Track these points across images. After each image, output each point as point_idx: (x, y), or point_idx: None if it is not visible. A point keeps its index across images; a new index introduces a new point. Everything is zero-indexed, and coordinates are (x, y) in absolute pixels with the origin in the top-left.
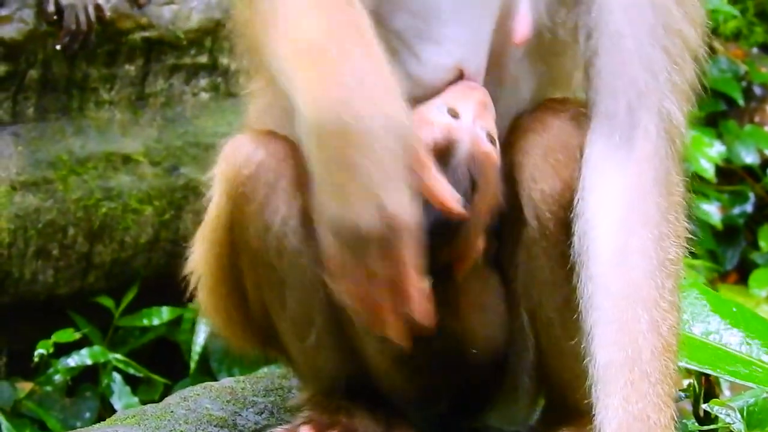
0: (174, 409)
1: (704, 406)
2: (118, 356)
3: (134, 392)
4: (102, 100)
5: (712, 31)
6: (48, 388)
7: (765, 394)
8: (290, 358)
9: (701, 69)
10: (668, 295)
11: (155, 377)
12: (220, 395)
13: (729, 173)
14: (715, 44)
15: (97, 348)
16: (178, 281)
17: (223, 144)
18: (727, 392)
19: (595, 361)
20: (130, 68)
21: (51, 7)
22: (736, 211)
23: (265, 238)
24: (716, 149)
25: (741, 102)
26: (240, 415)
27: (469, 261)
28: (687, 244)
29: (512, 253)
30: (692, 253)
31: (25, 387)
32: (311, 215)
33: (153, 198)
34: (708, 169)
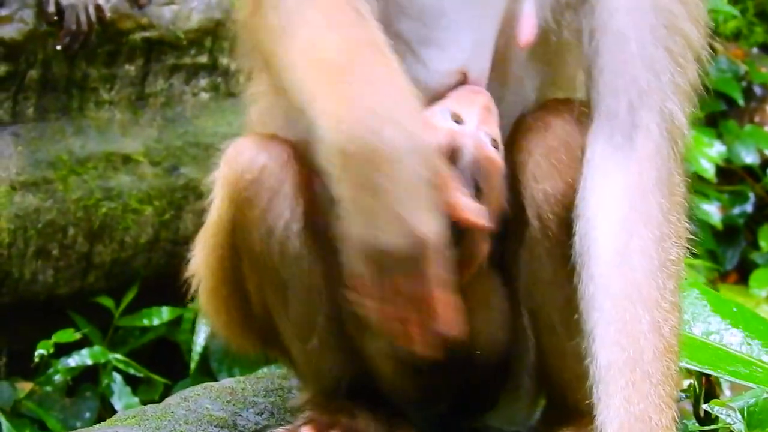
0: (174, 410)
1: (705, 406)
2: (118, 356)
3: (134, 392)
4: (102, 100)
5: (712, 31)
6: (48, 388)
7: (765, 395)
8: (291, 359)
9: (703, 69)
10: (669, 295)
11: (155, 377)
12: (220, 395)
13: (729, 173)
14: (715, 44)
15: (97, 348)
16: (178, 281)
17: (224, 146)
18: (728, 392)
19: (596, 362)
20: (130, 68)
21: (51, 8)
22: (736, 211)
23: (268, 243)
24: (716, 149)
25: (741, 102)
26: (240, 416)
27: (475, 266)
28: (688, 244)
29: (514, 253)
30: (692, 253)
31: (25, 387)
32: (314, 220)
33: (153, 198)
34: (708, 169)
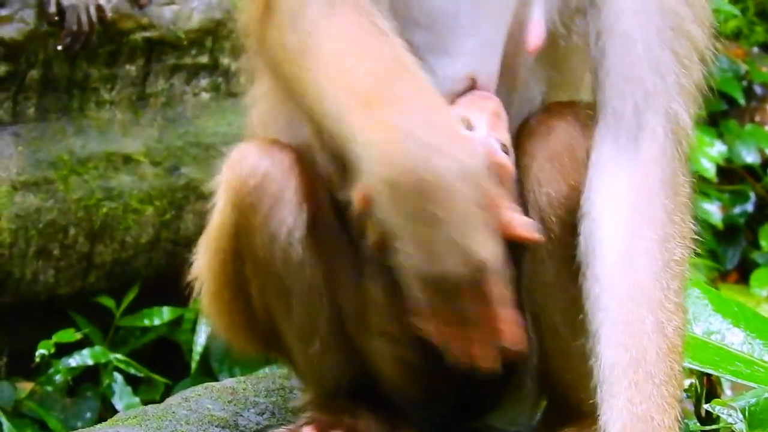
0: (175, 410)
1: (706, 406)
2: (119, 356)
3: (135, 392)
4: (103, 100)
5: (715, 31)
6: (49, 388)
7: (767, 394)
8: (293, 361)
9: (707, 70)
10: (673, 296)
11: (156, 377)
12: (221, 395)
13: (730, 173)
14: (717, 44)
15: (98, 348)
16: (179, 281)
17: (227, 150)
18: (729, 392)
19: (600, 362)
20: (131, 68)
21: (52, 8)
22: (736, 210)
23: (271, 248)
24: (717, 149)
25: (742, 101)
26: (241, 416)
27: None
28: (692, 244)
29: (517, 255)
30: (695, 252)
31: (26, 387)
32: (316, 225)
33: (154, 198)
34: (709, 169)
